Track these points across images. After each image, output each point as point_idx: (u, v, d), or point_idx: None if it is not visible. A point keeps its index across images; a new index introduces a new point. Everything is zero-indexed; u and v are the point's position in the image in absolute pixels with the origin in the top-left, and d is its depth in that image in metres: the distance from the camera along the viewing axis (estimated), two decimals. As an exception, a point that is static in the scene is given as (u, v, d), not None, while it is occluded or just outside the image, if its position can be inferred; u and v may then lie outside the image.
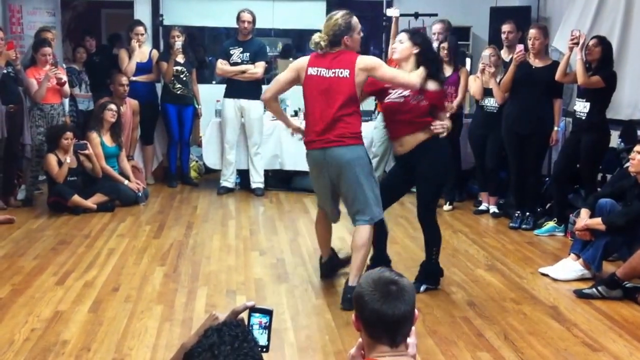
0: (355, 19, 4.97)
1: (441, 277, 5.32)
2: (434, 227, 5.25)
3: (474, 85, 7.51)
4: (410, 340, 2.22)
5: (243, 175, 8.71)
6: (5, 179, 7.57)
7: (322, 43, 4.87)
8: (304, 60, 5.01)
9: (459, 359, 4.08)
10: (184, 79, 8.71)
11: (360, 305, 2.16)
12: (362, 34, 5.07)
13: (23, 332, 4.28)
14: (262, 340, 2.18)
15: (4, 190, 7.53)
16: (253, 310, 2.22)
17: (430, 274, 5.24)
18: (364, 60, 4.88)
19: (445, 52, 7.64)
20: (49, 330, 4.32)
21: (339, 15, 4.92)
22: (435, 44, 7.76)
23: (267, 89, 5.36)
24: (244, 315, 2.20)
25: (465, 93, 7.81)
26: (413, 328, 2.22)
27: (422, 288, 5.14)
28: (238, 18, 8.32)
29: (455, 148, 7.86)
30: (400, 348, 2.16)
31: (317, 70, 4.88)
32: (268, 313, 2.23)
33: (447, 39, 7.74)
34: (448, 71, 7.68)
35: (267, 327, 2.22)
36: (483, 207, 7.73)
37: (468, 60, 8.48)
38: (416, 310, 2.20)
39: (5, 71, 7.15)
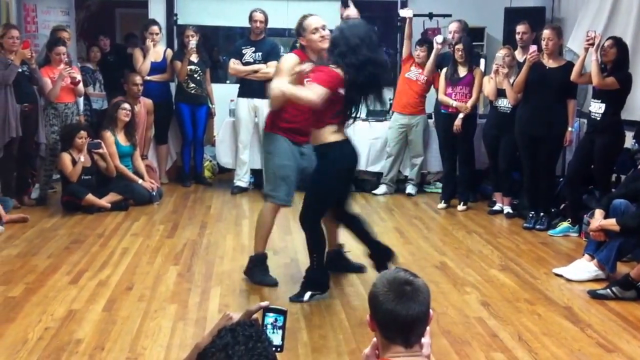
0: (309, 20, 5.08)
1: (327, 280, 5.06)
2: (313, 232, 4.96)
3: (488, 85, 7.49)
4: (425, 340, 2.22)
5: (257, 175, 8.70)
6: (19, 177, 7.61)
7: (297, 45, 5.30)
8: None
9: (473, 360, 4.08)
10: (198, 78, 8.73)
11: (375, 305, 2.16)
12: (322, 32, 5.02)
13: (37, 331, 4.29)
14: (276, 340, 2.18)
15: (18, 189, 7.57)
16: (267, 310, 2.23)
17: (313, 281, 4.98)
18: (280, 61, 5.22)
19: (460, 52, 7.63)
20: (62, 329, 4.33)
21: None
22: (438, 41, 7.77)
23: None
24: (258, 315, 2.20)
25: (479, 93, 7.79)
26: (427, 328, 2.22)
27: (307, 296, 4.91)
28: (250, 18, 8.33)
29: (470, 148, 7.86)
30: (415, 348, 2.16)
31: None
32: (282, 313, 2.23)
33: (461, 39, 7.72)
34: (462, 72, 7.69)
35: (281, 327, 2.22)
36: (497, 207, 7.70)
37: (482, 61, 8.46)
38: (431, 311, 2.19)
39: (20, 70, 7.18)
